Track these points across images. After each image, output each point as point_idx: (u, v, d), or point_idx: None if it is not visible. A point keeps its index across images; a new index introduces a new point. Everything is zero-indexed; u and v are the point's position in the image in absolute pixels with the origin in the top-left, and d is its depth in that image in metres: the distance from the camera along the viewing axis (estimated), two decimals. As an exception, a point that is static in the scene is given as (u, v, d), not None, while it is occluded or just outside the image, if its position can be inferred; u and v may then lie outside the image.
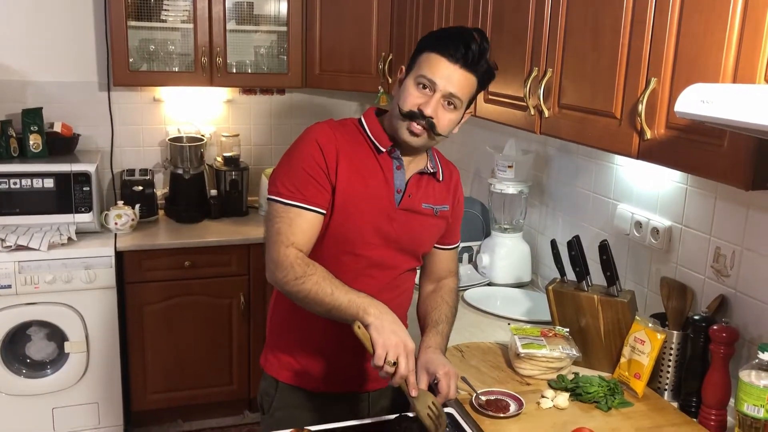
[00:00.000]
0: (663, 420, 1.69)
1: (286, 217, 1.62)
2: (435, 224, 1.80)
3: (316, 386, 1.79)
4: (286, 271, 1.58)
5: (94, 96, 3.54)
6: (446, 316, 1.82)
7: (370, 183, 1.68)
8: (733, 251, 1.77)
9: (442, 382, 1.59)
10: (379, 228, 1.69)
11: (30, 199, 3.10)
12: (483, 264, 2.67)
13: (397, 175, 1.71)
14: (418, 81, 1.61)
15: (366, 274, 1.71)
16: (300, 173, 1.63)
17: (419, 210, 1.74)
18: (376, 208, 1.69)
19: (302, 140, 1.69)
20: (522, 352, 1.86)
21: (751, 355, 1.65)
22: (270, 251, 1.63)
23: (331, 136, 1.67)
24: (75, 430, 3.18)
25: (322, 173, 1.63)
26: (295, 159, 1.66)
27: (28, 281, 2.96)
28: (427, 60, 1.61)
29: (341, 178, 1.65)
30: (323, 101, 3.94)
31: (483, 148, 2.94)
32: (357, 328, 1.49)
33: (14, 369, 3.05)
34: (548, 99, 1.90)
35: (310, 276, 1.56)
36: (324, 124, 1.72)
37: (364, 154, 1.70)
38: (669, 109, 1.47)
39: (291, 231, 1.61)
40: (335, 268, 1.63)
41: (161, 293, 3.24)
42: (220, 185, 3.62)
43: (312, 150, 1.64)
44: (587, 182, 2.38)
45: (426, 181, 1.77)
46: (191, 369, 3.37)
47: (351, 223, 1.67)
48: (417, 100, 1.61)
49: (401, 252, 1.75)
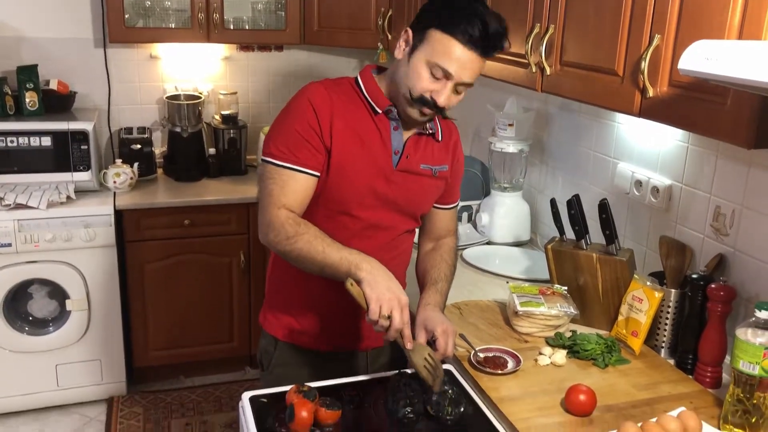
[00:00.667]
0: (659, 377, 1.71)
1: (278, 179, 1.61)
2: (434, 185, 1.78)
3: (315, 345, 1.81)
4: (278, 232, 1.58)
5: (89, 53, 3.50)
6: (445, 274, 1.82)
7: (367, 144, 1.66)
8: (733, 210, 1.77)
9: (440, 339, 1.60)
10: (375, 189, 1.68)
11: (28, 157, 3.08)
12: (482, 223, 2.67)
13: (395, 136, 1.69)
14: (431, 68, 1.55)
15: (363, 235, 1.71)
16: (293, 135, 1.61)
17: (417, 171, 1.72)
18: (372, 170, 1.67)
19: (296, 101, 1.66)
20: (520, 310, 1.87)
21: (747, 313, 1.66)
22: (262, 213, 1.63)
23: (325, 96, 1.63)
24: (78, 386, 3.23)
25: (315, 135, 1.61)
26: (289, 120, 1.63)
27: (28, 239, 2.96)
28: (441, 44, 1.53)
29: (336, 139, 1.62)
30: (322, 58, 3.89)
31: (483, 106, 2.91)
32: (350, 285, 1.49)
33: (17, 326, 3.08)
34: (550, 56, 1.88)
35: (302, 235, 1.56)
36: (318, 84, 1.68)
37: (360, 115, 1.67)
38: (672, 67, 1.45)
39: (283, 193, 1.61)
40: (332, 229, 1.63)
41: (161, 252, 3.26)
42: (219, 144, 3.60)
43: (306, 111, 1.62)
44: (588, 141, 2.37)
45: (425, 141, 1.74)
46: (192, 326, 3.40)
47: (347, 185, 1.66)
48: (429, 86, 1.57)
49: (399, 213, 1.75)
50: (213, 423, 3.19)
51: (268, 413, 1.49)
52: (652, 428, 1.39)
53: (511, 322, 1.94)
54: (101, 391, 3.28)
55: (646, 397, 1.61)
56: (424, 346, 1.58)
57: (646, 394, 1.63)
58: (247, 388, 1.74)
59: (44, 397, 3.18)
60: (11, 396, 3.13)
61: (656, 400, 1.61)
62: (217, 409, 3.29)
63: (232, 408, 3.26)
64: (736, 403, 1.46)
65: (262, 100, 3.85)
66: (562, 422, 1.51)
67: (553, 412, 1.54)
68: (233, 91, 3.71)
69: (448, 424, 1.48)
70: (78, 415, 3.21)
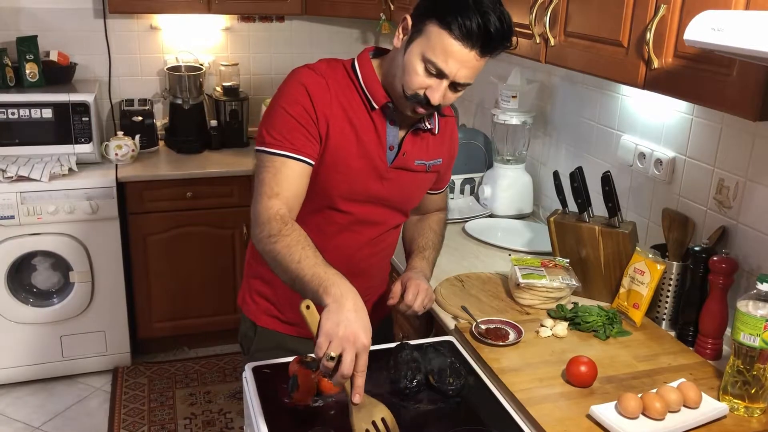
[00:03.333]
0: (660, 348, 1.72)
1: (271, 167, 1.48)
2: (426, 179, 1.72)
3: (295, 332, 1.72)
4: (262, 227, 1.44)
5: (89, 23, 3.46)
6: (433, 242, 1.79)
7: (362, 139, 1.56)
8: (737, 183, 1.76)
9: (410, 290, 1.59)
10: (367, 187, 1.60)
11: (29, 129, 3.07)
12: (485, 195, 2.66)
13: (390, 131, 1.59)
14: (426, 63, 1.43)
15: (351, 229, 1.65)
16: (287, 121, 1.49)
17: (411, 167, 1.64)
18: (366, 167, 1.58)
19: (290, 86, 1.53)
20: (522, 282, 1.88)
21: (749, 285, 1.67)
22: (253, 205, 1.49)
23: (322, 83, 1.52)
24: (83, 357, 3.26)
25: (311, 121, 1.50)
26: (282, 106, 1.51)
27: (30, 212, 2.97)
28: (437, 39, 1.40)
29: (332, 130, 1.52)
30: (323, 29, 3.85)
31: (486, 77, 2.89)
32: (304, 308, 1.26)
33: (21, 298, 3.10)
34: (554, 27, 1.86)
35: (284, 236, 1.40)
36: (312, 70, 1.55)
37: (356, 108, 1.55)
38: (678, 38, 1.43)
39: (276, 181, 1.47)
40: (318, 222, 1.58)
41: (164, 224, 3.26)
42: (220, 116, 3.58)
43: (300, 96, 1.50)
44: (592, 113, 2.35)
45: (421, 137, 1.65)
46: (195, 298, 3.42)
47: (338, 180, 1.57)
48: (423, 83, 1.45)
49: (389, 209, 1.68)
50: (216, 393, 3.23)
51: (271, 384, 1.50)
52: (652, 399, 1.40)
53: (513, 294, 1.94)
54: (106, 361, 3.31)
55: (646, 369, 1.63)
56: (381, 406, 1.32)
57: (647, 365, 1.64)
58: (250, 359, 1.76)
59: (50, 368, 3.22)
60: (17, 366, 3.16)
61: (656, 371, 1.62)
62: (221, 380, 3.32)
63: (236, 378, 3.30)
64: (736, 374, 1.47)
65: (264, 72, 3.82)
66: (562, 393, 1.52)
67: (554, 383, 1.55)
68: (234, 63, 3.69)
69: (450, 395, 1.49)
70: (83, 385, 3.25)
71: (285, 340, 1.74)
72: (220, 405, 3.15)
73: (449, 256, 2.21)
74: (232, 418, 3.06)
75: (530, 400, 1.48)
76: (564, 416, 1.44)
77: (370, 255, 1.60)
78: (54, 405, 3.10)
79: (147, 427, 2.98)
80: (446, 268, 2.11)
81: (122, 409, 3.09)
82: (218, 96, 3.61)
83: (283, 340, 1.74)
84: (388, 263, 1.83)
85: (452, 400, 1.49)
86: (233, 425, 3.01)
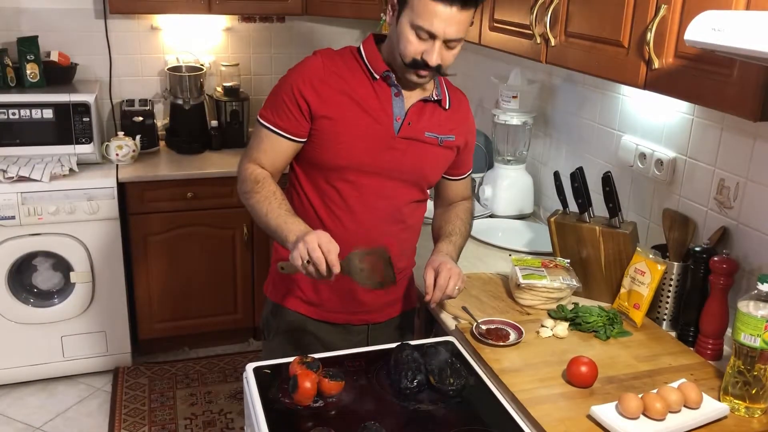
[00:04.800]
0: (660, 349, 1.72)
1: (258, 136, 1.73)
2: (440, 154, 1.77)
3: (316, 313, 1.83)
4: (241, 184, 1.71)
5: (90, 24, 3.46)
6: (459, 229, 1.85)
7: (365, 110, 1.66)
8: (737, 183, 1.76)
9: (442, 275, 1.65)
10: (375, 156, 1.68)
11: (29, 129, 3.07)
12: (485, 196, 2.66)
13: (396, 102, 1.68)
14: (416, 30, 1.55)
15: (367, 203, 1.71)
16: (279, 102, 1.68)
17: (422, 139, 1.71)
18: (371, 136, 1.66)
19: (293, 69, 1.71)
20: (522, 282, 1.88)
21: (750, 286, 1.67)
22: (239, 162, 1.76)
23: (318, 66, 1.67)
24: (84, 357, 3.26)
25: (296, 106, 1.65)
26: (281, 86, 1.70)
27: (31, 212, 2.97)
28: (421, 5, 1.52)
29: (330, 107, 1.65)
30: (324, 29, 3.85)
31: (487, 77, 2.89)
32: (280, 269, 1.54)
33: (22, 298, 3.10)
34: (555, 27, 1.86)
35: (256, 193, 1.65)
36: (319, 55, 1.71)
37: (358, 82, 1.68)
38: (678, 38, 1.43)
39: (258, 149, 1.72)
40: (332, 197, 1.68)
41: (164, 224, 3.26)
42: (221, 116, 3.58)
43: (295, 81, 1.67)
44: (592, 113, 2.35)
45: (431, 109, 1.72)
46: (196, 298, 3.42)
47: (344, 151, 1.67)
48: (418, 48, 1.57)
49: (402, 182, 1.74)
50: (217, 394, 3.23)
51: (271, 384, 1.50)
52: (652, 399, 1.40)
53: (514, 294, 1.94)
54: (107, 362, 3.31)
55: (647, 369, 1.62)
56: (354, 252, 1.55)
57: (647, 365, 1.64)
58: (251, 360, 1.75)
59: (50, 368, 3.22)
60: (18, 367, 3.16)
61: (657, 371, 1.62)
62: (222, 380, 3.32)
63: (236, 379, 3.30)
64: (736, 374, 1.47)
65: (264, 72, 3.82)
66: (563, 393, 1.52)
67: (555, 384, 1.55)
68: (235, 63, 3.69)
69: (450, 395, 1.49)
70: (84, 385, 3.25)
71: (307, 323, 1.84)
72: (221, 405, 3.15)
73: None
74: (232, 419, 3.06)
75: (531, 401, 1.48)
76: (564, 416, 1.44)
77: (393, 233, 1.69)
78: (55, 405, 3.10)
79: (147, 427, 2.98)
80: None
81: (123, 409, 3.09)
82: (219, 96, 3.61)
83: (305, 323, 1.84)
84: (413, 248, 1.88)
85: (453, 401, 1.49)
86: (234, 425, 3.01)
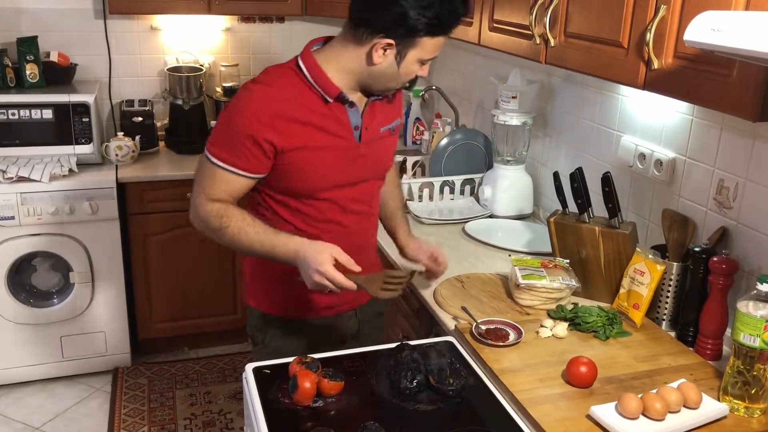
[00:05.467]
0: (660, 349, 1.72)
1: (209, 174, 1.64)
2: (393, 141, 1.88)
3: (303, 315, 1.84)
4: (203, 224, 1.69)
5: (89, 24, 3.46)
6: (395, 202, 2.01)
7: (327, 131, 1.65)
8: (737, 183, 1.76)
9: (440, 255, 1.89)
10: (345, 170, 1.71)
11: (29, 130, 3.07)
12: (485, 196, 2.66)
13: (351, 114, 1.69)
14: (421, 62, 1.65)
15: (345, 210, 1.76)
16: (236, 143, 1.60)
17: (380, 136, 1.78)
18: (338, 155, 1.68)
19: (240, 103, 1.62)
20: (522, 282, 1.88)
21: (749, 286, 1.67)
22: (193, 195, 1.69)
23: (272, 102, 1.60)
24: (83, 358, 3.26)
25: (262, 149, 1.59)
26: (233, 124, 1.61)
27: (30, 213, 2.97)
28: (431, 44, 1.62)
29: (295, 140, 1.61)
30: (323, 29, 3.85)
31: (486, 78, 2.89)
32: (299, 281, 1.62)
33: (21, 299, 3.10)
34: (554, 27, 1.86)
35: (226, 228, 1.65)
36: (264, 86, 1.64)
37: (311, 107, 1.64)
38: (678, 38, 1.43)
39: (213, 186, 1.65)
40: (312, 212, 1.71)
41: (164, 224, 3.26)
42: (220, 116, 3.58)
43: (253, 125, 1.58)
44: (591, 113, 2.36)
45: (378, 105, 1.76)
46: (195, 298, 3.42)
47: (316, 176, 1.67)
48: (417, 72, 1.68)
49: (371, 181, 1.81)
50: (217, 394, 3.22)
51: (271, 384, 1.50)
52: (652, 399, 1.40)
53: (513, 294, 1.94)
54: (106, 362, 3.31)
55: (646, 369, 1.63)
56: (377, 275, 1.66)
57: (647, 365, 1.64)
58: (250, 360, 1.75)
59: (50, 368, 3.22)
60: (17, 367, 3.16)
61: (657, 371, 1.62)
62: (221, 381, 3.32)
63: (236, 379, 3.30)
64: (736, 374, 1.47)
65: (264, 72, 3.82)
66: (562, 393, 1.52)
67: (554, 384, 1.55)
68: (234, 63, 3.69)
69: (450, 395, 1.49)
70: (84, 385, 3.24)
71: (298, 324, 1.85)
72: (221, 405, 3.15)
73: (449, 256, 2.20)
74: (232, 419, 3.06)
75: (530, 401, 1.48)
76: (564, 417, 1.44)
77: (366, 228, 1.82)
78: (54, 405, 3.10)
79: (147, 427, 2.98)
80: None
81: (122, 409, 3.09)
82: (218, 96, 3.61)
83: (297, 325, 1.85)
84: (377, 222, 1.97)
85: (452, 401, 1.49)
86: (233, 426, 3.01)
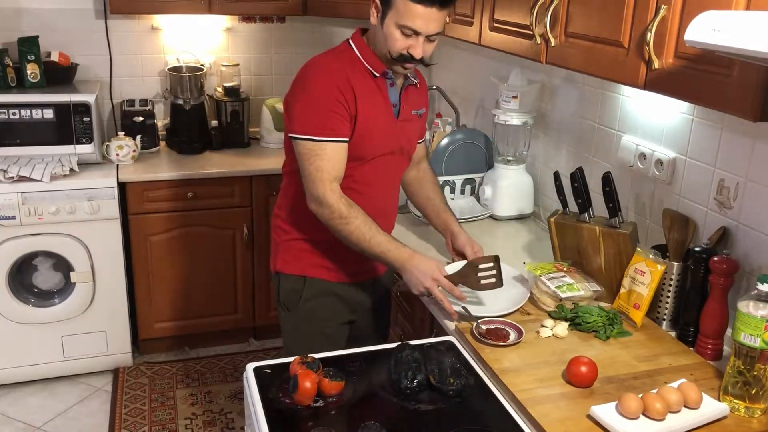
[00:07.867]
0: (660, 349, 1.72)
1: (322, 154, 1.79)
2: (420, 126, 2.09)
3: (338, 277, 2.00)
4: (331, 210, 1.79)
5: (90, 24, 3.47)
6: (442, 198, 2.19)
7: (377, 104, 1.88)
8: (737, 183, 1.76)
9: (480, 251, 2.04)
10: (388, 140, 1.92)
11: (30, 129, 3.07)
12: (485, 196, 2.66)
13: (391, 92, 1.92)
14: (401, 28, 1.76)
15: (380, 177, 1.93)
16: (323, 110, 1.79)
17: (410, 118, 1.99)
18: (385, 125, 1.90)
19: (315, 78, 1.83)
20: (561, 296, 1.84)
21: (750, 286, 1.67)
22: (312, 185, 1.80)
23: (340, 70, 1.82)
24: (84, 357, 3.26)
25: (342, 107, 1.79)
26: (316, 97, 1.80)
27: (31, 212, 2.97)
28: (403, 6, 1.73)
29: (360, 105, 1.82)
30: (324, 29, 3.85)
31: (487, 78, 2.89)
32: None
33: (22, 298, 3.10)
34: (555, 27, 1.86)
35: (353, 219, 1.78)
36: (327, 59, 1.88)
37: (366, 80, 1.87)
38: (678, 38, 1.43)
39: (331, 166, 1.80)
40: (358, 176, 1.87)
41: (165, 224, 3.26)
42: (221, 116, 3.58)
43: (330, 88, 1.79)
44: (592, 113, 2.35)
45: (411, 90, 1.99)
46: (197, 298, 3.42)
47: (372, 143, 1.88)
48: (404, 44, 1.79)
49: (402, 156, 2.00)
50: (217, 393, 3.23)
51: (271, 384, 1.51)
52: (652, 399, 1.40)
53: (538, 300, 1.90)
54: (107, 361, 3.31)
55: (647, 369, 1.63)
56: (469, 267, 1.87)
57: (647, 365, 1.64)
58: (251, 360, 1.76)
59: (51, 368, 3.22)
60: (18, 366, 3.16)
61: (657, 371, 1.62)
62: (222, 380, 3.32)
63: (237, 379, 3.30)
64: (736, 374, 1.47)
65: (265, 72, 3.82)
66: (563, 393, 1.52)
67: (555, 384, 1.55)
68: (235, 63, 3.69)
69: (450, 395, 1.49)
70: (85, 385, 3.25)
71: (332, 286, 2.01)
72: (221, 405, 3.15)
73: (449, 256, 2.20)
74: (233, 418, 3.06)
75: (531, 401, 1.48)
76: (564, 417, 1.44)
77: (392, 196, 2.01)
78: (55, 405, 3.10)
79: (148, 427, 2.98)
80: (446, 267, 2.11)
81: (123, 409, 3.09)
82: (219, 96, 3.61)
83: (331, 287, 2.01)
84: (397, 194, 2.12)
85: (453, 401, 1.49)
86: (234, 425, 3.01)
